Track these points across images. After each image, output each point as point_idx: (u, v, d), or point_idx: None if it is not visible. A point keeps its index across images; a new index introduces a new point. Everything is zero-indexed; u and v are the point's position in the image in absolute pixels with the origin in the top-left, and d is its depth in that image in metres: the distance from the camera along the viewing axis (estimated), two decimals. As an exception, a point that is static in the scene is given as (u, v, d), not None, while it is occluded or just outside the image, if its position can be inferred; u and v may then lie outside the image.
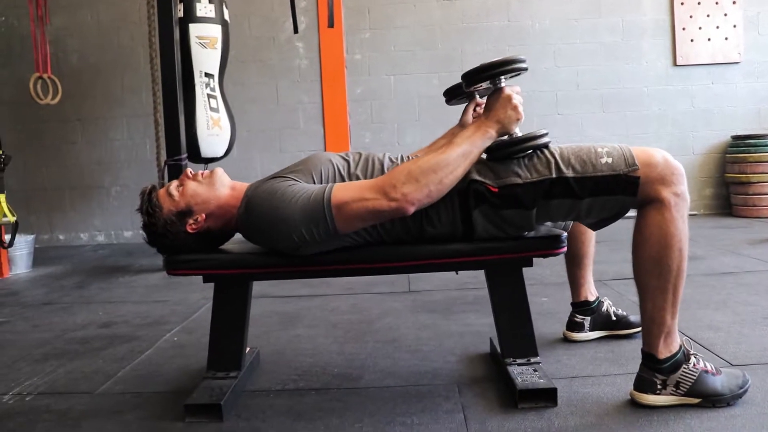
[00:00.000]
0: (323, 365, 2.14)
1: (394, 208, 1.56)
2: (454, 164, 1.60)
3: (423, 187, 1.56)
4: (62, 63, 5.68)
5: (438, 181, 1.58)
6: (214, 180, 1.82)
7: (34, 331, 2.82)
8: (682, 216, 1.60)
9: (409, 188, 1.55)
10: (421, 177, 1.56)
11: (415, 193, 1.55)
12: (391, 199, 1.55)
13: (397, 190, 1.55)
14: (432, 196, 1.59)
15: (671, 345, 1.63)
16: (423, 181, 1.56)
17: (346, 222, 1.60)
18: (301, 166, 1.78)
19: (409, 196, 1.55)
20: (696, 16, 5.71)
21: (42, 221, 5.88)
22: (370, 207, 1.57)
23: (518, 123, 1.68)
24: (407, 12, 5.77)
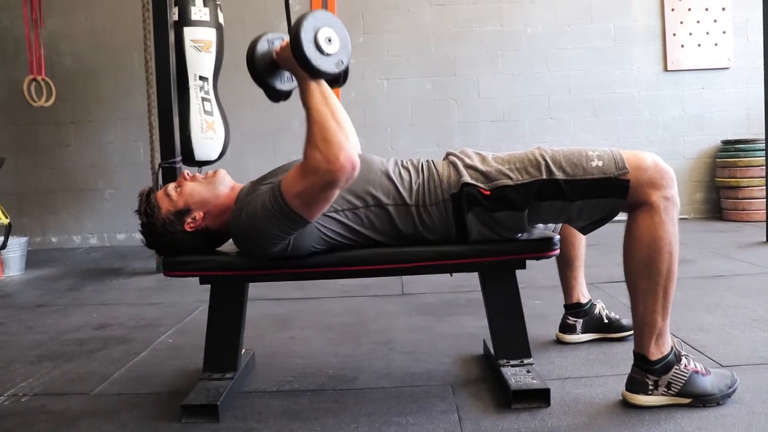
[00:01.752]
0: (318, 367, 2.16)
1: (343, 173, 1.54)
2: (324, 107, 1.61)
3: (335, 138, 1.55)
4: (56, 65, 5.68)
5: (337, 124, 1.58)
6: (216, 180, 1.85)
7: (29, 333, 2.83)
8: (672, 219, 1.63)
9: (328, 149, 1.54)
10: (324, 135, 1.56)
11: (333, 149, 1.54)
12: (334, 171, 1.54)
13: (326, 159, 1.54)
14: (357, 148, 1.64)
15: (663, 346, 1.65)
16: (329, 136, 1.55)
17: (308, 208, 1.60)
18: (287, 166, 1.81)
19: (336, 155, 1.53)
20: (686, 22, 5.76)
21: (35, 223, 5.86)
22: (325, 189, 1.57)
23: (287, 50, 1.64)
24: (400, 17, 5.80)
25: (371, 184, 1.74)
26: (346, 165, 1.53)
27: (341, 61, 1.63)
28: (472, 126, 5.84)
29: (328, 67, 1.61)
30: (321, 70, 1.60)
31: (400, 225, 1.74)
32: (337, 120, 1.59)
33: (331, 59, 1.61)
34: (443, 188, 1.72)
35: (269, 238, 1.66)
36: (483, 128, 5.84)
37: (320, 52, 1.59)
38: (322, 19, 1.60)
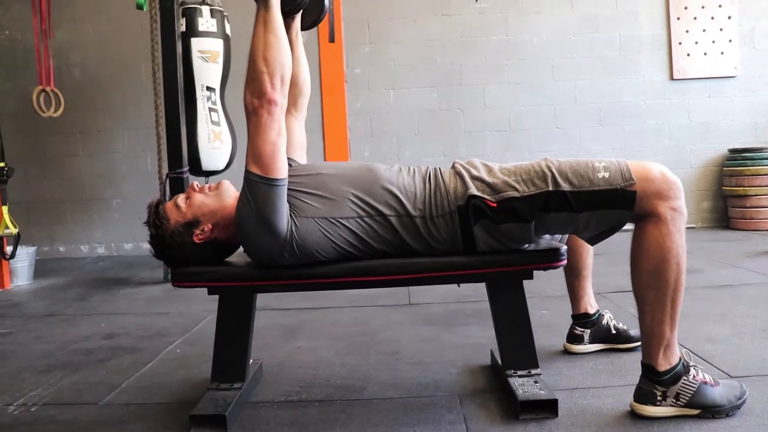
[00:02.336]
0: (326, 377, 2.16)
1: (266, 109, 1.62)
2: (260, 42, 1.64)
3: (260, 77, 1.62)
4: (65, 76, 5.72)
5: (264, 62, 1.63)
6: (221, 191, 1.86)
7: (38, 343, 2.84)
8: (679, 230, 1.63)
9: (255, 88, 1.62)
10: (251, 74, 1.64)
11: (260, 86, 1.62)
12: (258, 107, 1.62)
13: (256, 98, 1.63)
14: (275, 73, 1.64)
15: (671, 357, 1.65)
16: (256, 76, 1.62)
17: (269, 163, 1.64)
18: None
19: (263, 94, 1.62)
20: (692, 31, 5.77)
21: (43, 233, 5.89)
22: (259, 129, 1.63)
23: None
24: (406, 27, 5.82)
25: (376, 196, 1.75)
26: (274, 98, 1.62)
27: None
28: (478, 135, 5.85)
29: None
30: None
31: (406, 236, 1.74)
32: (266, 57, 1.63)
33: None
34: (450, 200, 1.73)
35: (264, 225, 1.67)
36: (489, 138, 5.85)
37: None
38: None
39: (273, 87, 1.63)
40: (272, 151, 1.64)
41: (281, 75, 1.64)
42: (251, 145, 1.66)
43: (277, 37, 1.66)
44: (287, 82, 1.68)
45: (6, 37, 5.78)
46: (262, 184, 1.65)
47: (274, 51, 1.64)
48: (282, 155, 1.67)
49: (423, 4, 5.81)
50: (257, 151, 1.64)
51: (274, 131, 1.64)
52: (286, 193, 1.69)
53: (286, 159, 1.71)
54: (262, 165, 1.65)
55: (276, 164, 1.65)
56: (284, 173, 1.68)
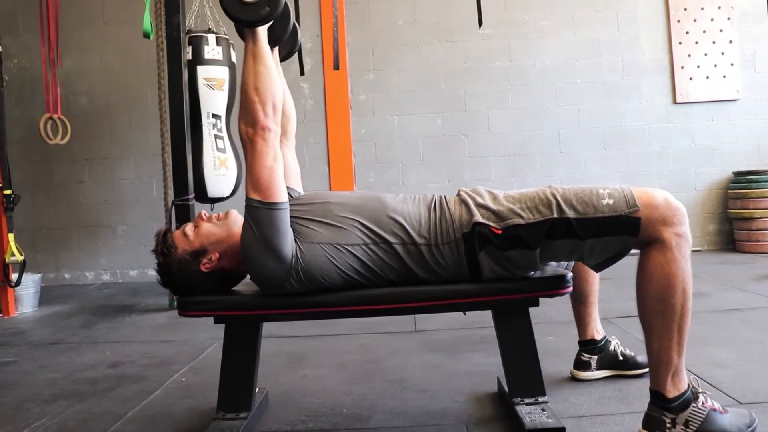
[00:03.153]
0: (332, 406, 2.15)
1: (261, 136, 1.67)
2: (250, 73, 1.69)
3: (252, 106, 1.67)
4: (72, 104, 5.78)
5: (255, 92, 1.67)
6: (229, 221, 1.87)
7: (42, 371, 2.83)
8: (685, 256, 1.63)
9: (249, 118, 1.67)
10: (244, 105, 1.69)
11: (253, 115, 1.66)
12: (252, 135, 1.67)
13: (250, 127, 1.67)
14: (267, 101, 1.67)
15: (679, 384, 1.64)
16: (248, 106, 1.67)
17: (268, 187, 1.67)
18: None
19: (256, 122, 1.66)
20: (694, 55, 5.80)
21: (48, 260, 5.91)
22: (256, 156, 1.67)
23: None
24: (410, 53, 5.87)
25: (381, 224, 1.75)
26: (267, 125, 1.66)
27: (266, 9, 1.68)
28: (482, 161, 5.87)
29: (251, 16, 1.68)
30: (239, 18, 1.69)
31: (411, 264, 1.75)
32: (257, 87, 1.67)
33: (252, 8, 1.67)
34: (455, 227, 1.73)
35: (268, 250, 1.67)
36: (493, 163, 5.87)
37: (239, 1, 1.67)
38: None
39: (266, 114, 1.66)
40: (270, 176, 1.67)
41: (273, 103, 1.68)
42: (249, 173, 1.68)
43: (267, 68, 1.70)
44: (279, 110, 1.71)
45: (15, 65, 5.84)
46: (263, 209, 1.66)
47: (265, 81, 1.68)
48: (279, 179, 1.69)
49: (427, 31, 5.87)
50: (255, 177, 1.67)
51: (270, 157, 1.67)
52: (288, 217, 1.71)
53: (284, 183, 1.72)
54: (261, 190, 1.67)
55: (275, 188, 1.67)
56: (284, 197, 1.69)
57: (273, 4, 1.68)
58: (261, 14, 1.68)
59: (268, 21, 1.71)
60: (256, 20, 1.69)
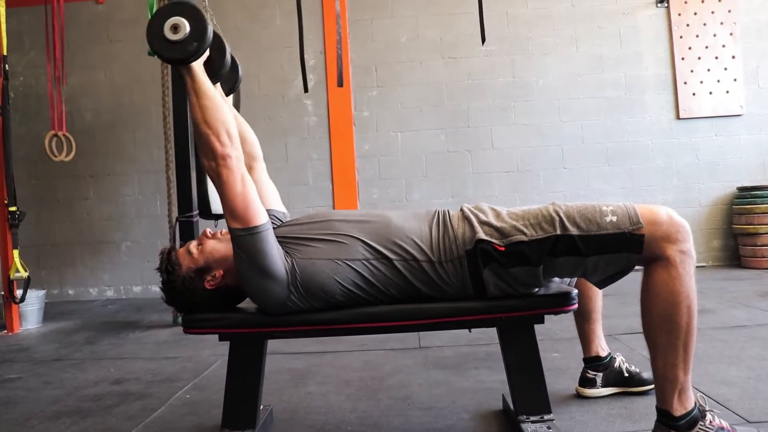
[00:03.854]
0: (337, 423, 2.14)
1: (223, 165, 1.67)
2: (197, 109, 1.70)
3: (207, 140, 1.67)
4: (76, 121, 5.81)
5: (206, 125, 1.68)
6: None
7: (46, 388, 2.83)
8: (689, 273, 1.62)
9: (207, 151, 1.68)
10: (199, 140, 1.70)
11: (210, 147, 1.67)
12: (216, 167, 1.67)
13: (212, 161, 1.68)
14: (220, 131, 1.68)
15: (686, 402, 1.63)
16: (204, 140, 1.68)
17: (245, 213, 1.67)
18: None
19: (215, 153, 1.67)
20: (697, 71, 5.82)
21: (53, 276, 5.92)
22: (225, 186, 1.68)
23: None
24: (414, 70, 5.90)
25: (383, 241, 1.76)
26: (228, 152, 1.67)
27: (194, 44, 1.69)
28: (485, 177, 5.87)
29: (179, 54, 1.69)
30: (169, 57, 1.70)
31: (413, 280, 1.75)
32: (206, 120, 1.68)
33: (180, 46, 1.68)
34: (458, 244, 1.73)
35: (262, 273, 1.69)
36: (497, 179, 5.87)
37: (166, 41, 1.68)
38: (174, 9, 1.70)
39: (222, 144, 1.67)
40: (243, 201, 1.67)
41: (226, 131, 1.68)
42: (224, 204, 1.70)
43: (210, 99, 1.71)
44: (234, 135, 1.71)
45: (20, 83, 5.89)
46: (246, 236, 1.68)
47: (212, 112, 1.69)
48: (254, 202, 1.70)
49: (429, 47, 5.90)
50: (231, 207, 1.68)
51: (238, 182, 1.67)
52: (272, 236, 1.71)
53: (260, 204, 1.72)
54: (239, 218, 1.68)
55: (251, 212, 1.68)
56: (262, 218, 1.70)
57: (201, 39, 1.69)
58: (189, 50, 1.69)
59: (198, 56, 1.71)
60: (186, 57, 1.70)
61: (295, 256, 1.74)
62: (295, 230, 1.83)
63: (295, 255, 1.74)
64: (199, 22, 1.69)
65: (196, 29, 1.69)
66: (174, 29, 1.68)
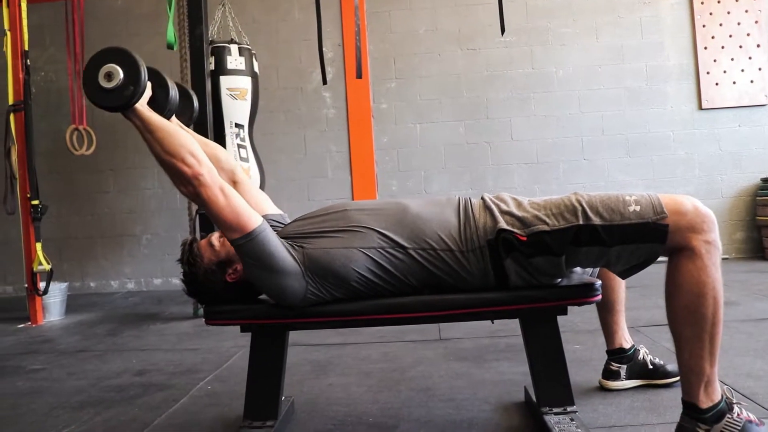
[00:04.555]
0: (358, 414, 2.14)
1: (198, 184, 1.67)
2: (154, 144, 1.70)
3: (174, 167, 1.68)
4: (97, 115, 5.82)
5: (168, 154, 1.68)
6: None
7: (70, 379, 2.86)
8: (715, 263, 1.60)
9: (179, 178, 1.69)
10: (168, 171, 1.71)
11: (180, 174, 1.67)
12: (193, 190, 1.68)
13: (186, 185, 1.69)
14: (183, 155, 1.67)
15: (713, 394, 1.61)
16: (171, 169, 1.69)
17: (238, 222, 1.67)
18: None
19: (186, 177, 1.67)
20: (720, 60, 5.74)
21: (74, 269, 5.98)
22: (208, 204, 1.68)
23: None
24: (432, 61, 5.87)
25: (398, 230, 1.75)
26: (194, 179, 1.66)
27: (130, 89, 1.69)
28: (505, 169, 5.84)
29: (117, 101, 1.69)
30: (109, 106, 1.70)
31: (434, 269, 1.73)
32: (166, 150, 1.68)
33: (116, 93, 1.68)
34: (479, 234, 1.72)
35: (274, 272, 1.70)
36: (516, 171, 5.84)
37: (102, 90, 1.68)
38: (105, 57, 1.69)
39: (189, 165, 1.66)
40: (231, 211, 1.67)
41: (189, 152, 1.67)
42: (215, 221, 1.71)
43: (163, 130, 1.71)
44: (199, 154, 1.70)
45: (41, 78, 5.93)
46: (247, 243, 1.67)
47: (169, 141, 1.69)
48: (242, 208, 1.69)
49: (448, 39, 5.87)
50: (222, 221, 1.68)
51: (218, 195, 1.67)
52: (272, 234, 1.71)
53: (249, 208, 1.72)
54: (235, 228, 1.67)
55: (244, 218, 1.68)
56: (256, 220, 1.70)
57: (136, 83, 1.69)
58: (126, 96, 1.69)
59: (136, 99, 1.71)
60: (125, 104, 1.70)
61: (307, 248, 1.73)
62: (306, 225, 1.82)
63: (307, 247, 1.74)
64: (131, 66, 1.69)
65: (129, 74, 1.68)
66: (108, 77, 1.67)
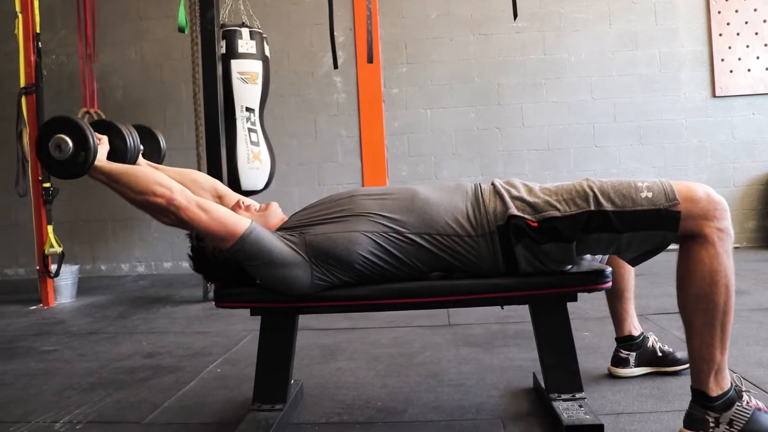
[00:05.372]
0: (366, 399, 2.15)
1: (176, 209, 1.67)
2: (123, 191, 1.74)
3: (150, 204, 1.70)
4: (108, 98, 5.85)
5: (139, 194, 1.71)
6: (268, 213, 1.89)
7: (81, 360, 2.88)
8: (727, 251, 1.59)
9: (158, 212, 1.71)
10: (146, 210, 1.74)
11: (157, 208, 1.70)
12: (175, 217, 1.69)
13: (168, 216, 1.70)
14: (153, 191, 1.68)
15: (722, 382, 1.60)
16: (148, 207, 1.71)
17: (226, 231, 1.68)
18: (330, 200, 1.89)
19: (162, 208, 1.69)
20: (735, 47, 5.67)
21: (85, 252, 6.01)
22: (192, 223, 1.69)
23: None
24: (443, 46, 5.84)
25: (405, 213, 1.74)
26: (170, 206, 1.67)
27: (82, 155, 1.70)
28: (516, 155, 5.82)
29: (73, 171, 1.72)
30: (68, 175, 1.73)
31: (441, 254, 1.73)
32: (138, 191, 1.70)
33: (70, 162, 1.70)
34: (489, 220, 1.71)
35: (276, 266, 1.71)
36: (527, 157, 5.81)
37: (57, 162, 1.70)
38: (49, 129, 1.71)
39: (161, 195, 1.67)
40: (216, 223, 1.68)
41: (156, 183, 1.69)
42: (206, 237, 1.75)
43: (126, 174, 1.74)
44: (167, 181, 1.71)
45: (53, 61, 5.94)
46: (243, 247, 1.68)
47: (135, 182, 1.71)
48: (226, 216, 1.70)
49: (460, 24, 5.83)
50: (211, 234, 1.70)
51: (198, 212, 1.68)
52: (264, 232, 1.72)
53: (233, 213, 1.74)
54: (225, 237, 1.68)
55: (231, 226, 1.68)
56: (244, 223, 1.70)
57: (85, 148, 1.70)
58: (80, 162, 1.70)
59: (91, 163, 1.71)
60: (81, 171, 1.71)
61: (309, 234, 1.73)
62: (313, 212, 1.82)
63: (309, 233, 1.73)
64: (77, 132, 1.69)
65: (78, 141, 1.69)
66: (58, 148, 1.69)
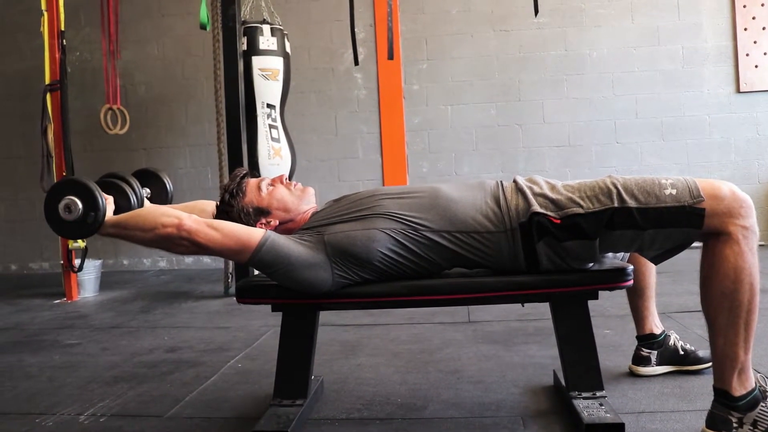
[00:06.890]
0: (386, 395, 2.16)
1: (187, 234, 1.65)
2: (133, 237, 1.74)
3: (163, 240, 1.68)
4: (130, 94, 5.92)
5: (148, 232, 1.69)
6: (304, 196, 1.90)
7: (104, 354, 2.92)
8: (752, 249, 1.57)
9: (172, 243, 1.69)
10: (160, 246, 1.72)
11: (169, 240, 1.68)
12: (191, 243, 1.67)
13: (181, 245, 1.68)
14: (161, 225, 1.67)
15: (746, 382, 1.59)
16: (161, 244, 1.70)
17: (240, 245, 1.67)
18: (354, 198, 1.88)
19: (173, 237, 1.67)
20: (760, 42, 5.60)
21: (108, 246, 6.07)
22: (209, 246, 1.68)
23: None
24: (464, 43, 5.82)
25: (426, 211, 1.74)
26: (180, 232, 1.65)
27: (91, 215, 1.71)
28: (536, 151, 5.79)
29: (83, 231, 1.73)
30: (77, 236, 1.76)
31: (461, 251, 1.72)
32: (146, 230, 1.69)
33: (80, 223, 1.71)
34: (511, 217, 1.71)
35: (297, 269, 1.70)
36: (548, 153, 5.78)
37: (66, 223, 1.71)
38: (58, 191, 1.72)
39: (169, 225, 1.65)
40: (230, 239, 1.67)
41: (161, 215, 1.69)
42: (224, 255, 1.76)
43: (133, 219, 1.74)
44: (170, 210, 1.72)
45: (77, 58, 6.00)
46: (261, 256, 1.67)
47: (143, 223, 1.70)
48: (237, 230, 1.69)
49: (480, 20, 5.81)
50: (228, 252, 1.70)
51: (211, 233, 1.67)
52: (279, 237, 1.71)
53: (243, 227, 1.73)
54: (242, 251, 1.67)
55: (244, 240, 1.67)
56: (257, 233, 1.69)
57: (95, 208, 1.70)
58: (90, 223, 1.71)
59: (100, 223, 1.72)
60: (91, 231, 1.73)
61: (327, 233, 1.73)
62: (334, 211, 1.81)
63: (328, 232, 1.73)
64: (86, 194, 1.70)
65: (87, 202, 1.70)
66: (67, 209, 1.70)
